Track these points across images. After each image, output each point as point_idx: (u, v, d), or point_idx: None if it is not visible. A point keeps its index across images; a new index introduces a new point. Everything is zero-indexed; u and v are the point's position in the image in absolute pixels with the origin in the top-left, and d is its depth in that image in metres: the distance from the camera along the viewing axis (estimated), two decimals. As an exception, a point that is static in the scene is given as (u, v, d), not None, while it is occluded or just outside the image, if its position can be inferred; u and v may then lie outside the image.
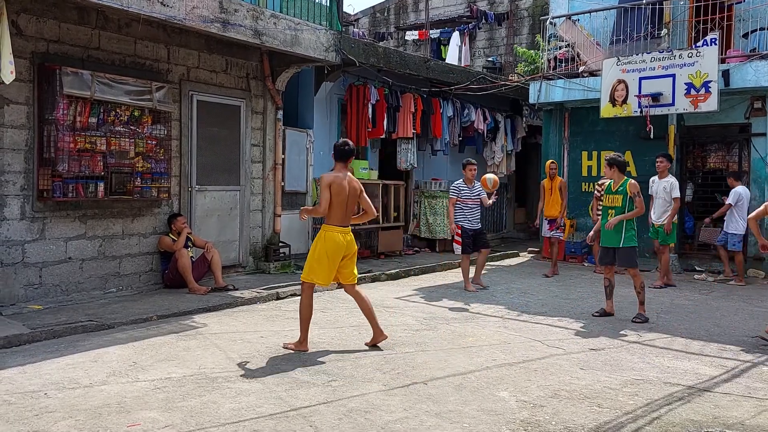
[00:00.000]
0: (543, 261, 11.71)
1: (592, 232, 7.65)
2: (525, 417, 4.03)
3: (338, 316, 6.91)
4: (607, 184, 7.38)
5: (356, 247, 5.70)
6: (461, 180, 8.80)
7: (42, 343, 5.51)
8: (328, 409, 4.08)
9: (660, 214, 9.19)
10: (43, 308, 6.52)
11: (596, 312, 7.22)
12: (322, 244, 5.48)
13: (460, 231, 8.64)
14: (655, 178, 9.37)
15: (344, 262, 5.58)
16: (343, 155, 5.66)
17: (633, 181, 7.10)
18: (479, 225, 8.80)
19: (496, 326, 6.54)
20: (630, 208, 6.99)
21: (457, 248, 8.71)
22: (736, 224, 9.52)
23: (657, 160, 9.34)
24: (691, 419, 4.07)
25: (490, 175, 8.91)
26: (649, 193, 9.33)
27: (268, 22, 7.93)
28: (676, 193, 9.08)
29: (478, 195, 8.72)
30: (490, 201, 8.91)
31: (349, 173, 5.67)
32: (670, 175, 9.32)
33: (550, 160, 10.73)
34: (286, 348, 5.47)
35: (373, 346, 5.61)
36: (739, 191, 9.60)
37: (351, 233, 5.62)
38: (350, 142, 5.79)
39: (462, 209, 8.69)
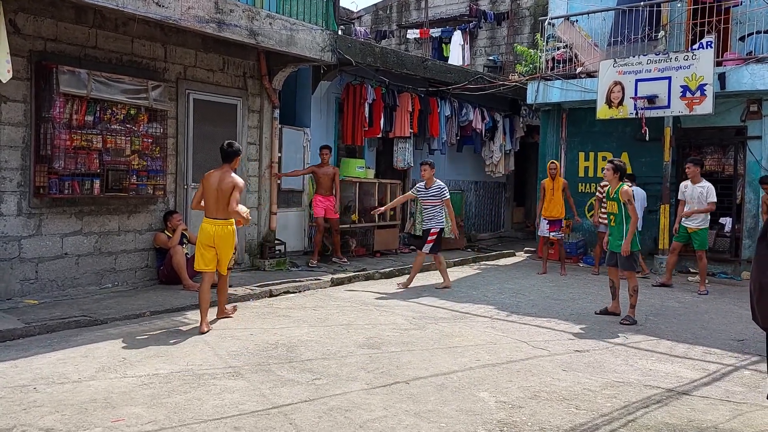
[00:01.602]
0: (539, 261, 11.76)
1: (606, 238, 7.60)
2: (502, 417, 4.11)
3: (329, 314, 6.99)
4: (606, 188, 7.47)
5: (231, 240, 6.21)
6: (424, 182, 8.96)
7: (35, 337, 5.61)
8: (309, 407, 4.16)
9: (694, 218, 9.01)
10: (38, 303, 6.63)
11: (598, 310, 7.44)
12: (198, 234, 6.26)
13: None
14: (688, 183, 9.11)
15: (219, 252, 6.16)
16: (223, 156, 6.27)
17: (625, 187, 7.17)
18: (428, 226, 8.76)
19: (484, 326, 6.62)
20: (626, 214, 7.10)
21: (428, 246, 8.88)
22: None
23: (686, 166, 9.19)
24: (665, 422, 4.14)
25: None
26: (679, 197, 9.28)
27: (264, 23, 8.00)
28: (712, 198, 8.88)
29: (434, 197, 8.75)
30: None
31: (233, 173, 6.20)
32: (704, 180, 9.07)
33: (552, 160, 10.79)
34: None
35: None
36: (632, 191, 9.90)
37: (226, 226, 6.15)
38: (234, 143, 6.35)
39: (421, 210, 8.95)
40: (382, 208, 9.29)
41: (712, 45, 9.76)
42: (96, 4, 6.36)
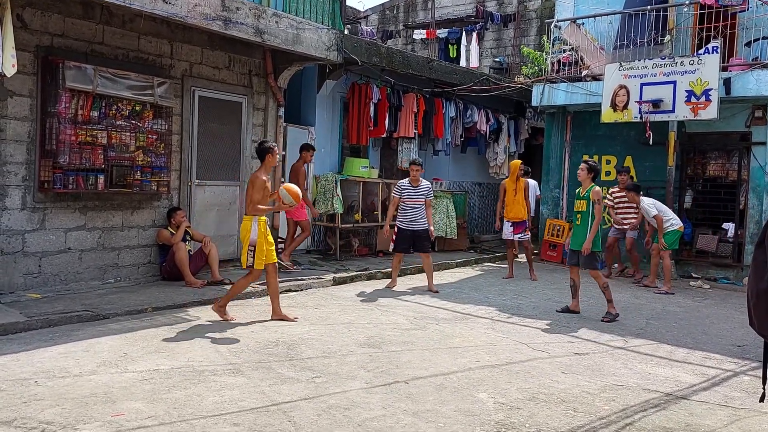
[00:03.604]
0: (541, 264, 11.77)
1: (567, 239, 7.85)
2: (500, 419, 4.12)
3: (330, 312, 7.01)
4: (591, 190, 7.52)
5: (243, 233, 6.36)
6: (407, 179, 8.78)
7: (37, 331, 5.64)
8: (308, 404, 4.18)
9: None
10: (41, 297, 6.66)
11: (560, 308, 7.66)
12: None
13: (396, 232, 8.76)
14: None
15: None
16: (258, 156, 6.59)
17: (597, 188, 7.37)
18: (420, 227, 8.61)
19: (485, 328, 6.63)
20: (591, 214, 7.32)
21: (392, 245, 8.95)
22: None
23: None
24: (663, 426, 4.15)
25: (287, 189, 6.53)
26: None
27: (270, 21, 8.02)
28: (653, 213, 9.38)
29: (422, 195, 8.64)
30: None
31: (259, 173, 6.37)
32: (644, 198, 9.59)
33: (519, 161, 10.41)
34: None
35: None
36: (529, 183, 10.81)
37: (245, 221, 6.39)
38: (265, 142, 6.60)
39: (404, 209, 8.70)
40: (387, 227, 8.87)
41: (718, 50, 9.74)
42: (103, 1, 6.39)
